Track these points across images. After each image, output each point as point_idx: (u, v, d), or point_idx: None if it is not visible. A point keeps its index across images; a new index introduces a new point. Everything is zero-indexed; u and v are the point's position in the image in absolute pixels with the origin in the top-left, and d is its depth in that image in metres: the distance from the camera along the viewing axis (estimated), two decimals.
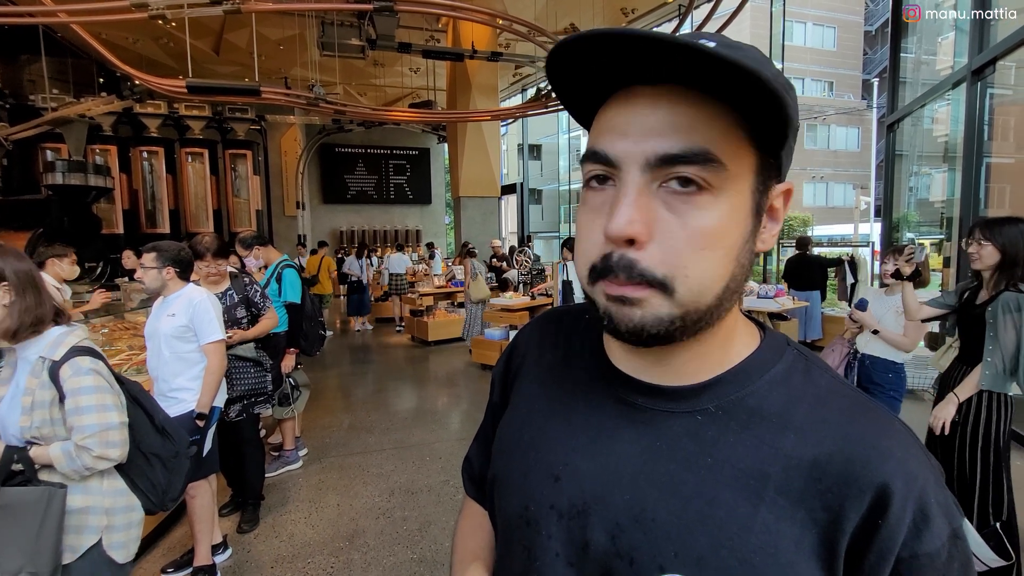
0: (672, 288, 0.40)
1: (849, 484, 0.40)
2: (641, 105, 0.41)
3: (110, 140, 11.06)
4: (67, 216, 8.33)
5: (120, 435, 1.41)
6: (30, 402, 1.36)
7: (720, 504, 0.42)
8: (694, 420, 0.45)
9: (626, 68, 0.41)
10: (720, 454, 0.43)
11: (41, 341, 1.40)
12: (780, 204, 0.46)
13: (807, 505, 0.41)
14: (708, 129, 0.40)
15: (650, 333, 0.41)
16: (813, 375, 0.47)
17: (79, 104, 8.78)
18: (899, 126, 6.49)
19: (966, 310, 2.30)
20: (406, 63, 11.95)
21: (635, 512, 0.44)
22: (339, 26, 7.65)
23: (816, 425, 0.43)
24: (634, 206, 0.40)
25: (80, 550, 1.40)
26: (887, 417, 0.44)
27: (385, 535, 2.81)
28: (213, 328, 2.37)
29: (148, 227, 11.74)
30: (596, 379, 0.52)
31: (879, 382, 2.74)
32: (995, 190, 4.82)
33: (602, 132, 0.43)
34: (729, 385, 0.46)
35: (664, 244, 0.40)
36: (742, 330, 0.49)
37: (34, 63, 9.25)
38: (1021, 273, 2.10)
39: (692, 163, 0.39)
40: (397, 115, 10.53)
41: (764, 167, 0.43)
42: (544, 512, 0.49)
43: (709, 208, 0.40)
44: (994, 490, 2.16)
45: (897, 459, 0.41)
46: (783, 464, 0.42)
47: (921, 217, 7.09)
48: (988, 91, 4.47)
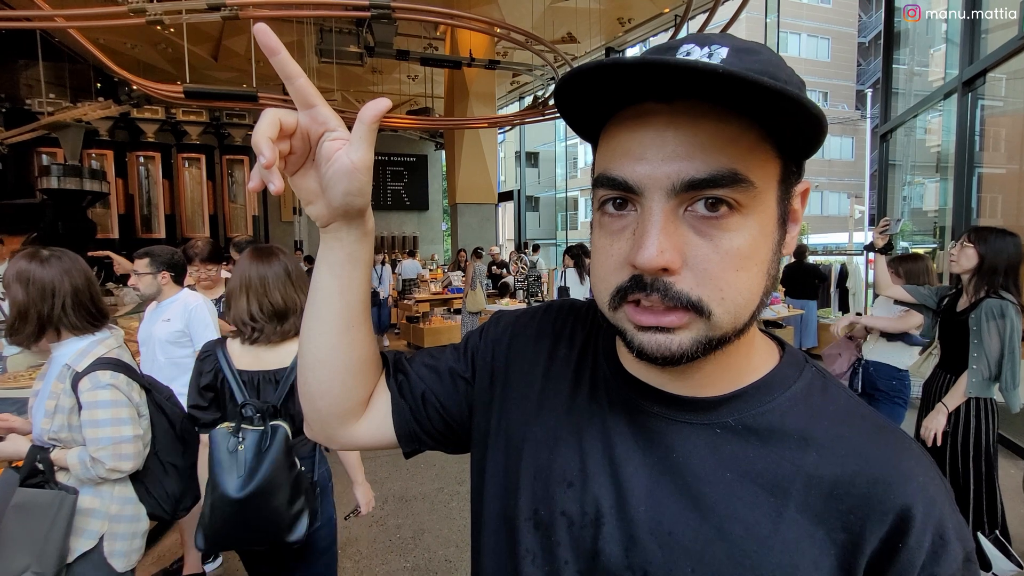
0: (709, 311, 0.39)
1: (871, 506, 0.39)
2: (658, 125, 0.38)
3: (107, 145, 11.03)
4: (62, 220, 8.29)
5: (133, 448, 1.42)
6: (53, 406, 1.39)
7: (739, 520, 0.41)
8: (713, 433, 0.44)
9: (637, 86, 0.38)
10: (740, 469, 0.42)
11: (71, 346, 1.43)
12: (799, 205, 0.45)
13: (827, 525, 0.40)
14: (734, 147, 0.37)
15: (690, 356, 0.40)
16: (831, 393, 0.46)
17: (76, 109, 8.77)
18: (892, 136, 6.56)
19: (947, 317, 2.31)
20: (404, 70, 12.00)
21: (650, 525, 0.43)
22: (337, 33, 7.69)
23: (837, 444, 0.42)
24: (663, 234, 0.38)
25: (76, 552, 1.40)
26: (904, 438, 0.44)
27: (378, 543, 2.79)
28: (210, 333, 2.36)
29: (144, 232, 11.69)
30: (611, 384, 0.50)
31: (883, 388, 2.75)
32: (987, 200, 4.87)
33: (616, 155, 0.40)
34: (750, 399, 0.45)
35: (698, 270, 0.38)
36: (760, 344, 0.49)
37: (31, 67, 9.24)
38: (1002, 281, 2.11)
39: (720, 186, 0.37)
40: (395, 122, 10.56)
41: (788, 174, 0.42)
42: (555, 518, 0.47)
43: (740, 229, 0.39)
44: (987, 498, 2.17)
45: (919, 483, 0.40)
46: (804, 482, 0.41)
47: (915, 226, 7.15)
48: (979, 102, 4.52)
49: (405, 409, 0.59)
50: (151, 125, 10.82)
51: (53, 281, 1.39)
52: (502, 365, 0.58)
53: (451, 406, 0.59)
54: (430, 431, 0.60)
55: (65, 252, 1.46)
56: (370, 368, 0.58)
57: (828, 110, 25.81)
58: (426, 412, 0.59)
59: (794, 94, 0.33)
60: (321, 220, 0.50)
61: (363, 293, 0.55)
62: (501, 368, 0.58)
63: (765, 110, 0.36)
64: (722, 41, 0.39)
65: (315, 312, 0.54)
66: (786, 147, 0.40)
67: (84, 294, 1.44)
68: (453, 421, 0.60)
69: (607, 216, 0.42)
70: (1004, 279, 2.11)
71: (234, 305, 1.58)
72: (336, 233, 0.51)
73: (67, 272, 1.42)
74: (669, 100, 0.38)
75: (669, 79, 0.36)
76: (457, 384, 0.60)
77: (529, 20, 8.78)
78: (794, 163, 0.42)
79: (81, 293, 1.43)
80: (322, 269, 0.53)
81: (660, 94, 0.38)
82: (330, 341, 0.54)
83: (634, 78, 0.37)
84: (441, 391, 0.59)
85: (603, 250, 0.42)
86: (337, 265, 0.52)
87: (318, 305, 0.54)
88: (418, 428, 0.59)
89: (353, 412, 0.58)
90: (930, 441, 2.22)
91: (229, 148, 12.46)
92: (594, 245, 0.44)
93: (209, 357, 1.59)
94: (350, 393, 0.57)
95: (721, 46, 0.39)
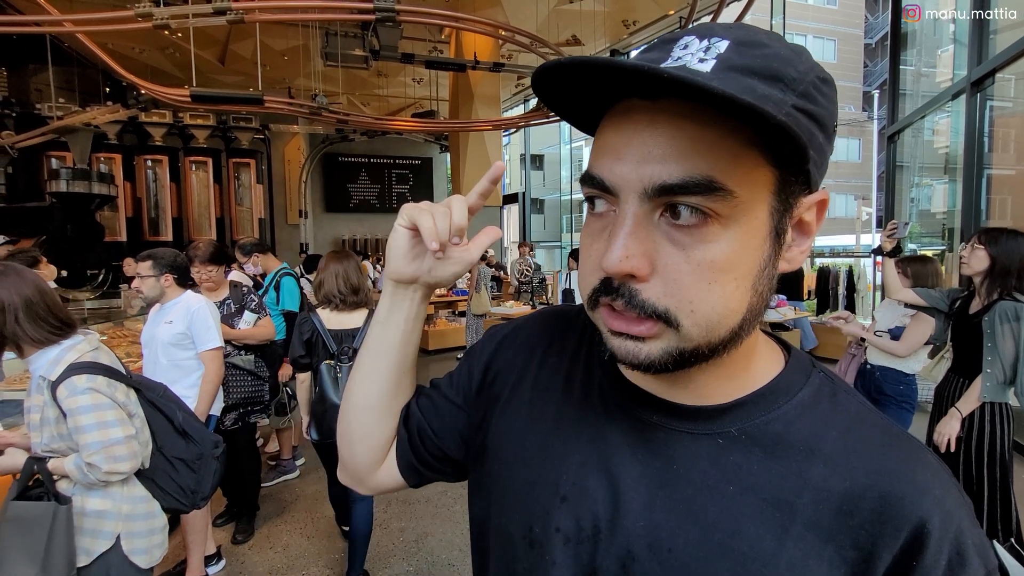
0: (678, 322, 0.37)
1: (883, 522, 0.37)
2: (639, 124, 0.36)
3: (115, 148, 11.11)
4: (70, 223, 8.37)
5: (127, 448, 1.41)
6: (39, 419, 1.39)
7: (743, 536, 0.39)
8: (715, 443, 0.42)
9: (617, 83, 0.37)
10: (743, 482, 0.40)
11: (41, 358, 1.41)
12: (812, 217, 0.41)
13: (836, 542, 0.38)
14: (713, 152, 0.35)
15: (659, 366, 0.39)
16: (840, 399, 0.44)
17: (84, 113, 8.84)
18: (899, 137, 6.51)
19: (960, 320, 2.27)
20: (409, 73, 12.03)
21: (649, 540, 0.41)
22: (343, 37, 7.72)
23: (846, 455, 0.40)
24: (631, 238, 0.36)
25: (93, 554, 1.41)
26: (919, 448, 0.42)
27: (381, 546, 2.78)
28: (212, 335, 2.36)
29: (151, 235, 11.76)
30: (606, 392, 0.48)
31: (890, 393, 2.70)
32: (996, 201, 4.81)
33: (600, 152, 0.39)
34: (754, 408, 0.43)
35: (667, 278, 0.36)
36: (763, 349, 0.46)
37: (41, 72, 9.32)
38: (1015, 283, 2.08)
39: (694, 193, 0.35)
40: (400, 125, 10.58)
41: (785, 184, 0.38)
42: (549, 535, 0.45)
43: (716, 240, 0.36)
44: (1002, 505, 2.13)
45: (935, 496, 0.38)
46: (811, 496, 0.39)
47: (923, 228, 7.08)
48: (988, 103, 4.47)
49: (404, 441, 0.60)
50: (159, 129, 10.87)
51: (1, 298, 1.35)
52: (492, 380, 0.57)
53: (445, 435, 0.59)
54: (428, 462, 0.60)
55: (10, 266, 1.43)
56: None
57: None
58: (422, 444, 0.59)
59: (763, 110, 0.30)
60: (405, 279, 0.54)
61: (417, 346, 0.59)
62: (492, 384, 0.57)
63: (749, 118, 0.33)
64: (725, 33, 0.36)
65: (372, 362, 0.58)
66: (781, 155, 0.37)
67: (39, 306, 1.39)
68: (448, 451, 0.59)
69: (591, 215, 0.42)
70: (1018, 281, 2.08)
71: (326, 285, 2.37)
72: (413, 294, 0.56)
73: (14, 286, 1.38)
74: (653, 98, 0.36)
75: (640, 87, 0.35)
76: (451, 412, 0.59)
77: (534, 23, 8.79)
78: (792, 173, 0.38)
79: (35, 306, 1.39)
80: (389, 323, 0.57)
81: (643, 91, 0.36)
82: (383, 388, 0.58)
83: (606, 78, 0.35)
84: (436, 421, 0.59)
85: (585, 250, 0.42)
86: (404, 321, 0.56)
87: (378, 356, 0.58)
88: (415, 460, 0.60)
89: (384, 455, 0.61)
90: (943, 447, 2.18)
91: (236, 151, 12.52)
92: (580, 245, 0.44)
93: (307, 322, 2.37)
94: (388, 437, 0.60)
95: (722, 39, 0.36)
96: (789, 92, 0.35)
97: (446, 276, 0.53)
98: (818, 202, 0.41)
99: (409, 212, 0.50)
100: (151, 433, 1.54)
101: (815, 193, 0.40)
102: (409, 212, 0.50)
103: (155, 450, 1.52)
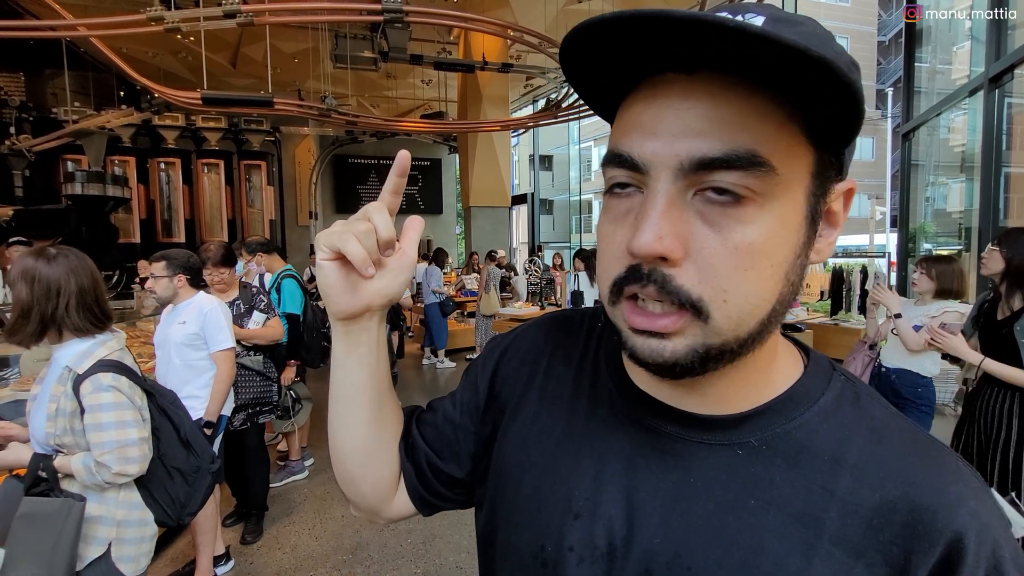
0: (707, 313, 0.34)
1: (916, 537, 0.35)
2: (674, 98, 0.34)
3: (129, 151, 11.26)
4: (85, 225, 8.48)
5: (139, 451, 1.40)
6: (54, 409, 1.37)
7: (767, 553, 0.37)
8: (734, 455, 0.40)
9: (656, 54, 0.34)
10: (766, 495, 0.38)
11: (72, 348, 1.40)
12: (839, 207, 0.39)
13: (867, 559, 0.35)
14: (757, 126, 0.33)
15: (684, 365, 0.36)
16: (864, 404, 0.41)
17: (99, 116, 8.98)
18: (914, 135, 6.41)
19: (988, 327, 2.22)
20: (418, 75, 12.08)
21: (667, 558, 0.39)
22: (352, 39, 7.76)
23: (874, 465, 0.38)
24: (664, 218, 0.34)
25: (85, 560, 1.39)
26: (950, 456, 0.39)
27: (389, 548, 2.78)
28: (224, 336, 2.37)
29: (164, 236, 11.92)
30: (617, 401, 0.46)
31: (908, 397, 2.63)
32: (1015, 200, 4.72)
33: (627, 130, 0.37)
34: (774, 416, 0.40)
35: (701, 263, 0.34)
36: (783, 352, 0.43)
37: (57, 77, 9.49)
38: None
39: (735, 168, 0.33)
40: (409, 126, 10.62)
41: (823, 166, 0.36)
42: (563, 554, 0.42)
43: (755, 221, 0.34)
44: None
45: (970, 508, 0.36)
46: (838, 510, 0.37)
47: (938, 228, 6.97)
48: (1006, 99, 4.38)
49: (411, 472, 0.57)
50: (172, 132, 11.01)
51: (59, 280, 1.36)
52: (498, 392, 0.54)
53: (452, 460, 0.56)
54: (438, 492, 0.57)
55: (72, 251, 1.43)
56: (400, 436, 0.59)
57: None
58: (432, 474, 0.56)
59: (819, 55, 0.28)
60: (356, 313, 0.48)
61: (387, 366, 0.54)
62: (498, 396, 0.54)
63: (801, 87, 0.31)
64: (759, 10, 0.34)
65: (346, 408, 0.53)
66: (821, 135, 0.35)
67: (89, 295, 1.41)
68: (457, 475, 0.56)
69: (613, 198, 0.38)
70: None
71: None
72: (368, 323, 0.50)
73: (73, 271, 1.39)
74: (691, 71, 0.34)
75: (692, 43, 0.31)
76: (457, 434, 0.56)
77: (542, 23, 8.77)
78: (831, 154, 0.36)
79: (86, 293, 1.40)
80: (350, 364, 0.51)
81: (681, 64, 0.34)
82: (365, 425, 0.54)
83: (652, 39, 0.32)
84: (442, 447, 0.56)
85: (606, 237, 0.38)
86: (368, 354, 0.51)
87: (351, 401, 0.53)
88: (425, 492, 0.57)
89: (392, 484, 0.58)
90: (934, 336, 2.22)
91: (247, 153, 12.65)
92: (598, 233, 0.40)
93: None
94: (391, 466, 0.57)
95: (758, 15, 0.34)
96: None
97: (396, 289, 0.48)
98: (846, 191, 0.39)
99: (327, 241, 0.44)
100: (155, 440, 1.52)
101: (844, 182, 0.39)
102: (327, 241, 0.44)
103: (155, 457, 1.49)
